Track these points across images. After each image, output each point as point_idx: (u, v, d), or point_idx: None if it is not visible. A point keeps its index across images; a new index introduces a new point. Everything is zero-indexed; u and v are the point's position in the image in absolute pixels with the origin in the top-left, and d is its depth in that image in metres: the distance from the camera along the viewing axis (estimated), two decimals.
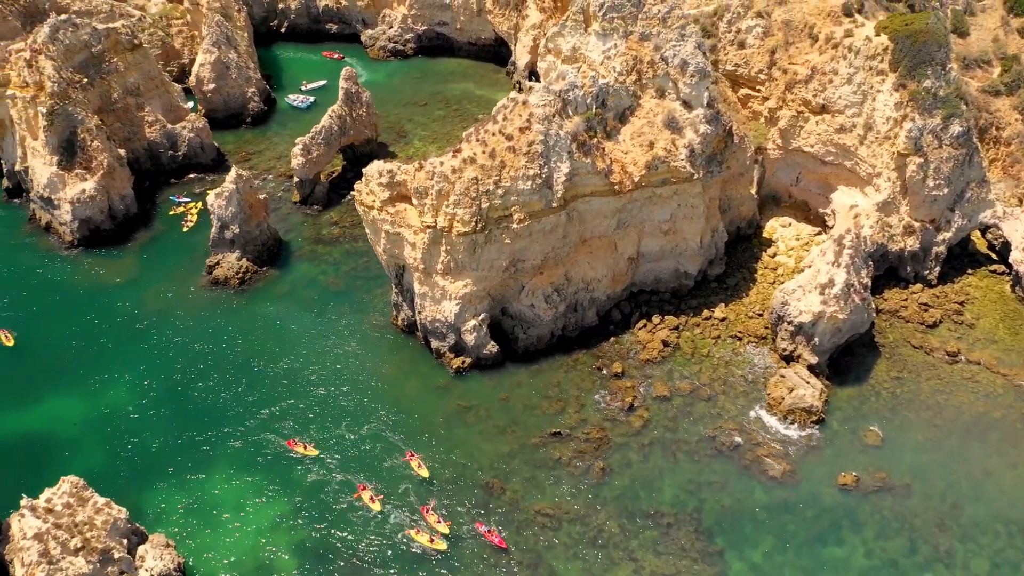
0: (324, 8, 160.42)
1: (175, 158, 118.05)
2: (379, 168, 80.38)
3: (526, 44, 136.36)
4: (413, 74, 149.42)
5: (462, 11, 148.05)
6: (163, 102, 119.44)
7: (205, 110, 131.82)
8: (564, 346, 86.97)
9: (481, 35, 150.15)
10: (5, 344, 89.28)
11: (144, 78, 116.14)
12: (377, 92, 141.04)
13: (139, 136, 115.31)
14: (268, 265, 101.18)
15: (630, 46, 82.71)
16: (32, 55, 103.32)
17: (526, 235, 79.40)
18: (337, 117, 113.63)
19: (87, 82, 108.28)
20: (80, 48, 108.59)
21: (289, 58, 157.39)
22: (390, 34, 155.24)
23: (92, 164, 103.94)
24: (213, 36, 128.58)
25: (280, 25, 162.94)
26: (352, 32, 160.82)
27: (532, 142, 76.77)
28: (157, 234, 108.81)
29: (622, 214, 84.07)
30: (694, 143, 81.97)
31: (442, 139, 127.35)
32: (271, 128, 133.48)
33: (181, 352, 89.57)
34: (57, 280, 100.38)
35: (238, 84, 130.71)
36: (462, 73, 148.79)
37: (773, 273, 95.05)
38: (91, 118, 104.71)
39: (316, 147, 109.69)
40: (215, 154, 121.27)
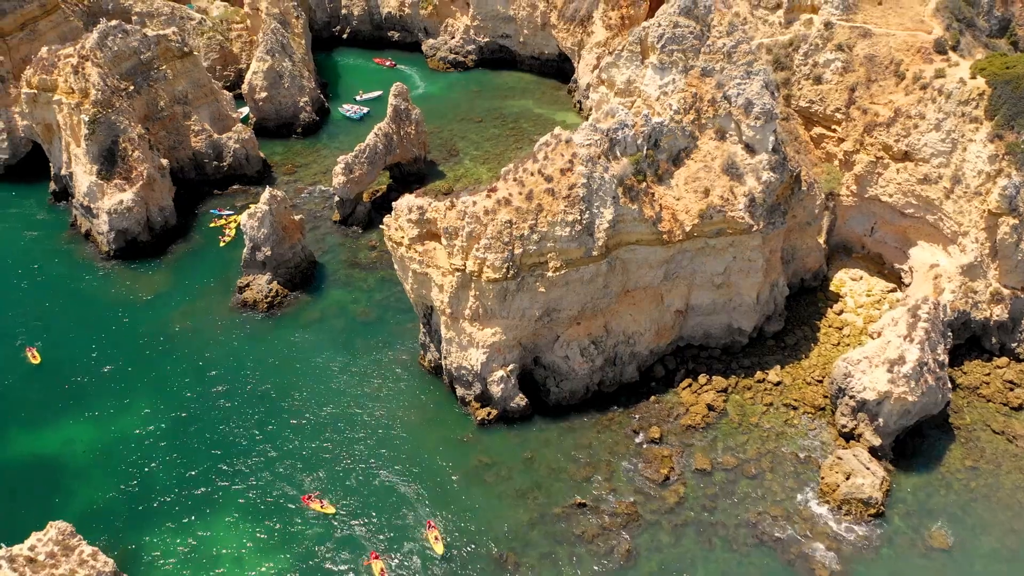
0: (387, 15, 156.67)
1: (220, 168, 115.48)
2: (409, 204, 75.12)
3: (589, 62, 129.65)
4: (472, 87, 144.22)
5: (526, 24, 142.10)
6: (211, 111, 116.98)
7: (256, 118, 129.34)
8: (599, 402, 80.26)
9: (544, 50, 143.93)
10: (32, 362, 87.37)
11: (193, 86, 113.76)
12: (432, 105, 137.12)
13: (184, 145, 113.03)
14: (299, 288, 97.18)
15: (690, 82, 75.36)
16: (79, 61, 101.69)
17: (562, 284, 73.00)
18: (383, 135, 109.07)
19: (133, 89, 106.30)
20: (129, 55, 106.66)
21: (348, 65, 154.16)
22: (451, 45, 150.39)
23: (132, 174, 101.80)
24: (268, 44, 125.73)
25: (342, 31, 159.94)
26: (414, 41, 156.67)
27: (573, 185, 70.31)
28: (194, 247, 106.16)
29: (670, 265, 76.86)
30: (755, 192, 74.16)
31: (494, 160, 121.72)
32: (321, 139, 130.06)
33: (201, 379, 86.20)
34: (89, 292, 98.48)
35: (290, 93, 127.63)
36: (522, 89, 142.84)
37: (838, 333, 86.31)
38: (134, 127, 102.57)
39: (359, 166, 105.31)
40: (260, 166, 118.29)
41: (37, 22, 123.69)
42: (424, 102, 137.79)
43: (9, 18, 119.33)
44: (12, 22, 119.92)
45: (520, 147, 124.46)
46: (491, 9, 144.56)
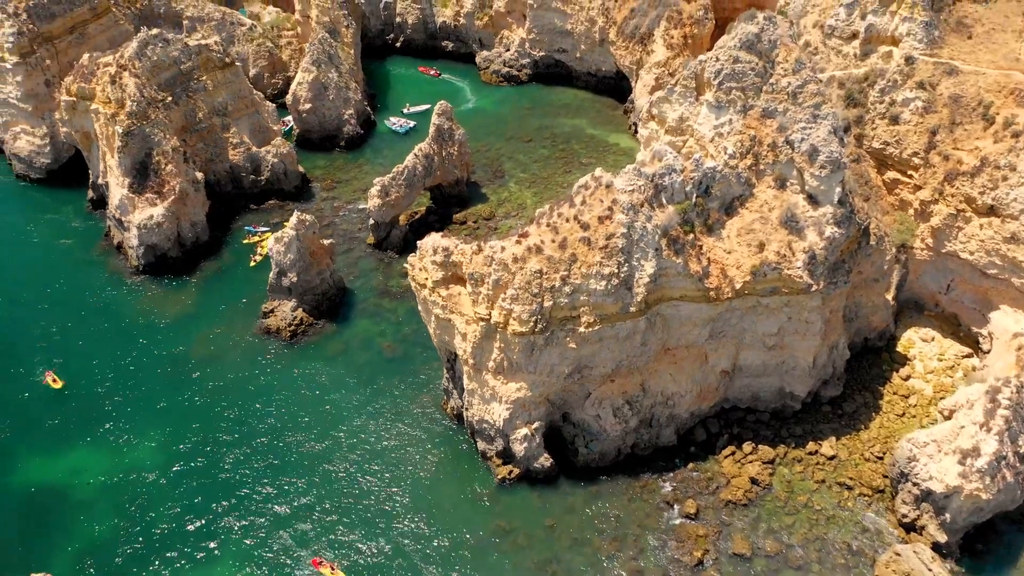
0: (441, 25, 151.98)
1: (257, 183, 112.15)
2: (434, 244, 69.72)
3: (647, 83, 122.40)
4: (524, 103, 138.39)
5: (583, 39, 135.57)
6: (252, 123, 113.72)
7: (300, 130, 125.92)
8: (631, 466, 73.71)
9: (601, 67, 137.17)
10: (53, 387, 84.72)
11: (233, 97, 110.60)
12: (481, 121, 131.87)
13: (222, 158, 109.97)
14: (325, 317, 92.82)
15: (749, 123, 68.13)
16: (117, 71, 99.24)
17: (595, 340, 66.71)
18: (424, 157, 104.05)
19: (171, 100, 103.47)
20: (168, 65, 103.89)
21: (399, 75, 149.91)
22: (506, 57, 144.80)
23: (164, 189, 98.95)
24: (313, 54, 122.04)
25: (396, 39, 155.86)
26: (467, 52, 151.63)
27: (612, 235, 63.91)
28: (224, 265, 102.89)
29: (717, 323, 69.83)
30: (816, 248, 66.61)
31: (541, 184, 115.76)
32: (365, 154, 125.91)
33: (216, 411, 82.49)
34: (114, 309, 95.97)
35: (335, 106, 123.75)
36: (576, 107, 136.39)
37: (903, 402, 77.97)
38: (169, 139, 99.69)
39: (396, 189, 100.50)
40: (299, 181, 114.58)
41: (87, 25, 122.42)
42: (473, 118, 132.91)
43: (58, 21, 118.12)
44: (61, 25, 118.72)
45: (569, 171, 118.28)
46: (548, 23, 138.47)
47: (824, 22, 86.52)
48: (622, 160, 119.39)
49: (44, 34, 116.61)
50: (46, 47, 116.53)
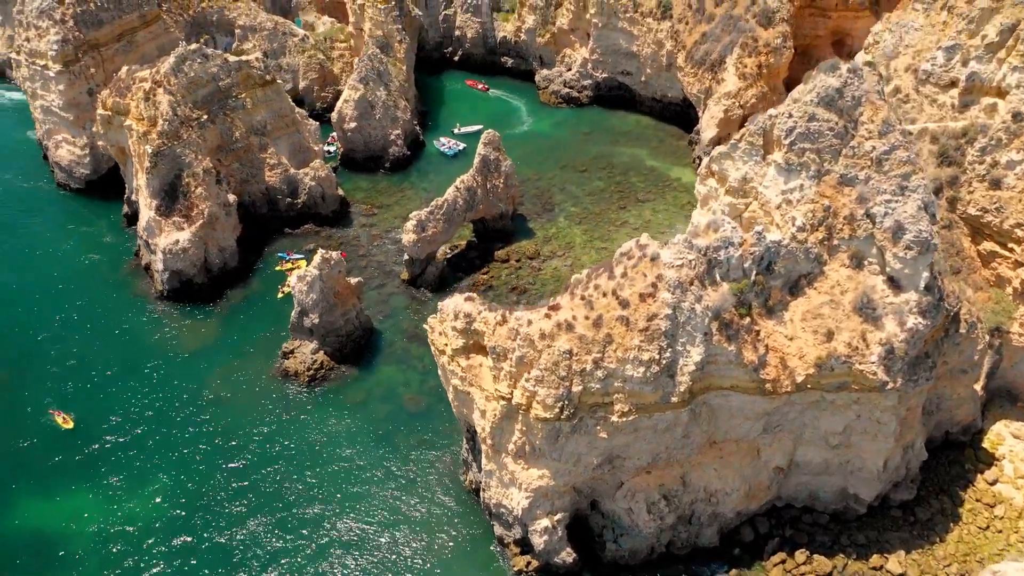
0: (501, 40, 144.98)
1: (293, 205, 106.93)
2: (456, 308, 62.54)
3: (715, 114, 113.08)
4: (582, 127, 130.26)
5: (650, 63, 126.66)
6: (291, 142, 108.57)
7: (344, 149, 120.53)
8: (665, 566, 65.19)
9: (667, 93, 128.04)
10: (63, 427, 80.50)
11: (273, 116, 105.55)
12: (535, 146, 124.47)
13: (258, 179, 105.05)
14: (348, 361, 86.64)
15: (823, 191, 58.89)
16: (152, 87, 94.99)
17: (630, 431, 58.56)
18: (466, 190, 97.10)
19: (207, 119, 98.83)
20: (206, 81, 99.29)
21: (454, 91, 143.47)
22: (567, 77, 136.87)
23: (192, 212, 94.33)
24: (361, 71, 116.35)
25: (454, 53, 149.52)
26: (527, 69, 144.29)
27: (654, 316, 55.64)
28: (251, 294, 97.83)
29: (773, 416, 60.86)
30: (895, 340, 57.08)
31: (592, 221, 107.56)
32: (410, 176, 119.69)
33: (223, 458, 77.08)
34: (134, 336, 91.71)
35: (381, 125, 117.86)
36: (638, 134, 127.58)
37: (988, 512, 67.53)
38: (200, 161, 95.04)
39: (433, 224, 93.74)
40: (337, 205, 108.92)
41: (135, 33, 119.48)
42: (526, 142, 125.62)
43: (106, 29, 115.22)
44: (109, 33, 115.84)
45: (624, 207, 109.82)
46: (612, 43, 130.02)
47: (918, 66, 76.25)
48: (681, 197, 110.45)
49: (91, 41, 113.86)
50: (92, 55, 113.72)
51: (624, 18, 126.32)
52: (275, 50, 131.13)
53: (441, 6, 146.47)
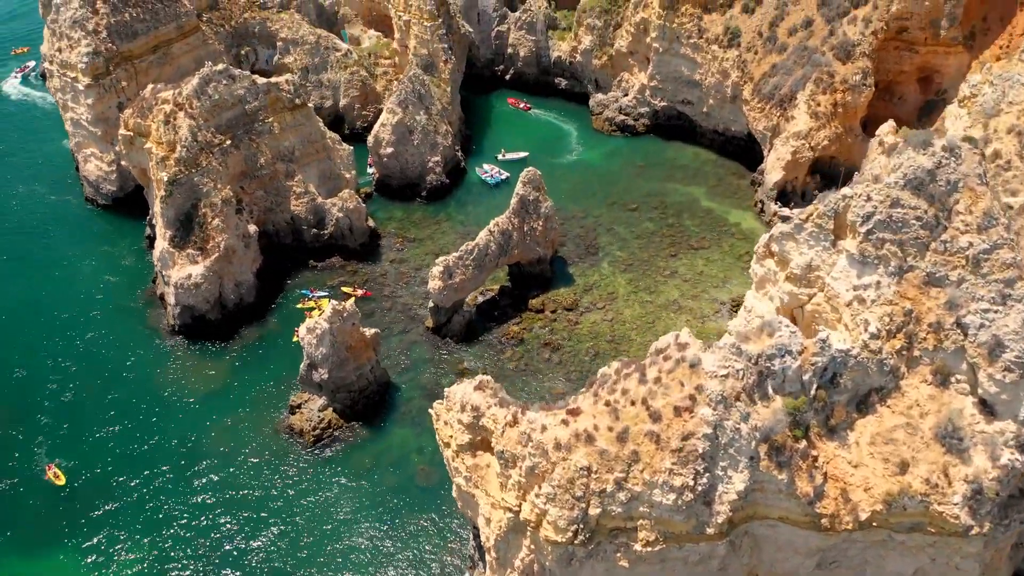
0: (556, 60, 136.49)
1: (320, 236, 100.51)
2: (464, 399, 54.60)
3: (782, 155, 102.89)
4: (636, 159, 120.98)
5: (713, 93, 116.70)
6: (321, 169, 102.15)
7: (379, 175, 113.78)
8: None
9: (731, 126, 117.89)
10: (55, 483, 75.14)
11: (302, 142, 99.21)
12: (583, 176, 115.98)
13: (283, 207, 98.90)
14: (360, 419, 79.71)
15: (904, 291, 49.05)
16: (172, 110, 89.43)
17: (656, 561, 49.73)
18: (500, 233, 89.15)
19: (230, 144, 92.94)
20: (231, 104, 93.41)
21: (503, 113, 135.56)
22: (623, 103, 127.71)
23: (208, 245, 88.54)
24: (401, 94, 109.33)
25: (505, 71, 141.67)
26: (582, 92, 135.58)
27: (690, 435, 46.77)
28: (267, 334, 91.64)
29: (828, 552, 51.24)
30: (985, 479, 47.03)
31: (638, 268, 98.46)
32: (448, 206, 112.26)
33: (214, 526, 70.98)
34: (139, 375, 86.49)
35: (419, 152, 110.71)
36: (695, 170, 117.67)
37: None
38: (220, 190, 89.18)
39: (462, 271, 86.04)
40: (366, 238, 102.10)
41: (171, 45, 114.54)
42: (574, 172, 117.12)
43: (140, 40, 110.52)
44: (143, 45, 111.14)
45: (675, 254, 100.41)
46: (673, 70, 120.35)
47: None
48: (739, 246, 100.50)
49: (124, 53, 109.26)
50: (124, 67, 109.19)
51: (687, 44, 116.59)
52: (316, 65, 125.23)
53: (494, 22, 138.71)
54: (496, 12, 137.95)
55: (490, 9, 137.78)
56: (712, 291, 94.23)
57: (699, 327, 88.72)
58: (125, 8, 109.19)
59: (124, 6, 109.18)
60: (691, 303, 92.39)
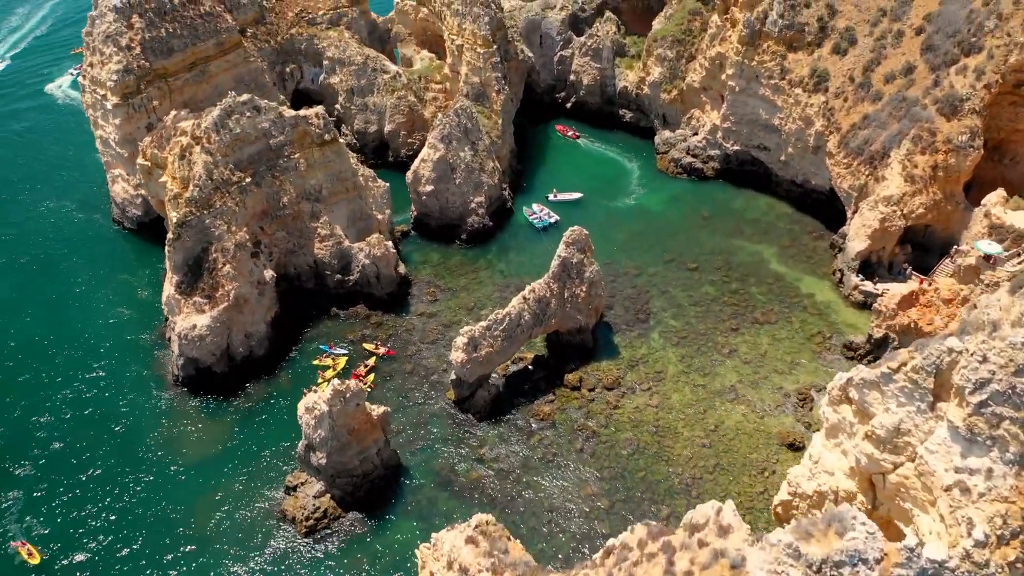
0: (621, 90, 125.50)
1: (344, 283, 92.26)
2: (452, 553, 45.10)
3: (869, 221, 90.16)
4: (701, 207, 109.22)
5: (793, 141, 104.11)
6: (351, 209, 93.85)
7: (417, 213, 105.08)
8: None
9: (811, 179, 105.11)
10: (28, 563, 68.34)
11: (331, 180, 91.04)
12: (640, 225, 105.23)
13: (306, 250, 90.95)
14: (360, 507, 70.92)
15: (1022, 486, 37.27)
16: (189, 143, 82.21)
17: None
18: (536, 301, 79.18)
19: (251, 181, 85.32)
20: (255, 138, 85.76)
21: (560, 145, 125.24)
22: (692, 143, 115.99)
23: (216, 293, 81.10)
24: (445, 128, 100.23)
25: (567, 99, 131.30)
26: (647, 127, 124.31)
27: None
28: (276, 392, 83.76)
29: None
30: None
31: (693, 344, 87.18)
32: (489, 251, 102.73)
33: None
34: (135, 431, 79.71)
35: (461, 192, 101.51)
36: (768, 225, 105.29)
37: None
38: (233, 233, 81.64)
39: (489, 343, 76.43)
40: (394, 287, 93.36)
41: (209, 62, 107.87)
42: (631, 220, 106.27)
43: (176, 57, 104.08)
44: (179, 61, 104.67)
45: (737, 328, 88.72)
46: (750, 112, 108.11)
47: None
48: (811, 324, 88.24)
49: (158, 70, 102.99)
50: (157, 85, 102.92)
51: (767, 84, 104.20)
52: (362, 87, 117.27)
53: (557, 46, 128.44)
54: (560, 36, 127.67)
55: (554, 32, 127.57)
56: (775, 377, 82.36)
57: (756, 423, 77.25)
58: (162, 23, 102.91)
59: (161, 21, 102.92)
60: (750, 392, 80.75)
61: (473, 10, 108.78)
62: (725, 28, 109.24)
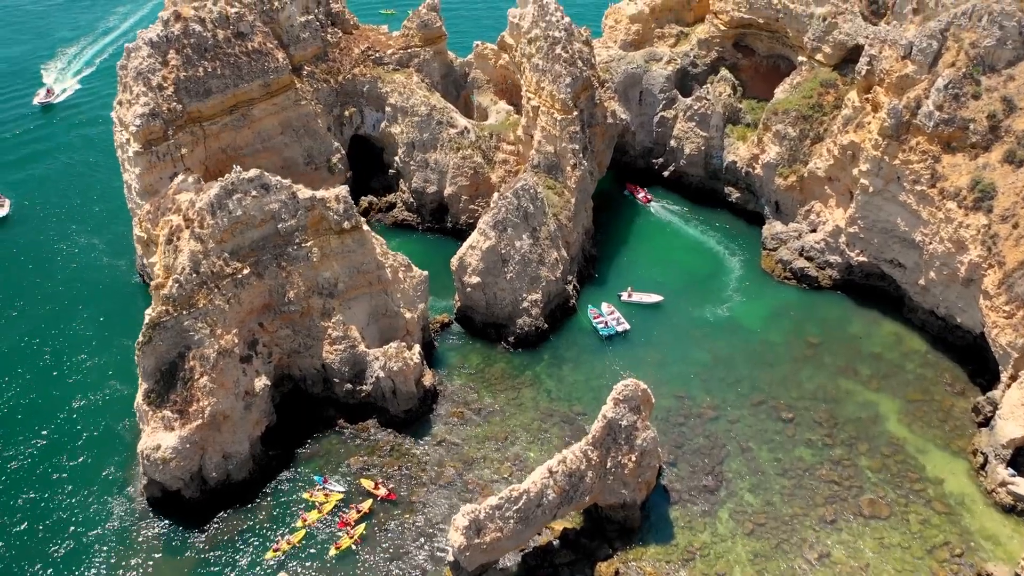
0: (729, 165, 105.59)
1: (355, 392, 77.48)
2: None
3: None
4: (809, 329, 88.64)
5: (936, 265, 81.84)
6: (374, 304, 78.95)
7: (460, 304, 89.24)
8: None
9: (956, 315, 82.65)
10: None
11: (350, 272, 76.29)
12: (728, 348, 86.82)
13: (313, 352, 76.64)
14: None
15: None
16: (179, 225, 69.16)
17: None
18: (566, 476, 61.66)
19: (250, 272, 71.55)
20: (260, 221, 71.94)
21: (649, 225, 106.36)
22: (807, 242, 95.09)
23: (190, 408, 67.82)
24: (498, 213, 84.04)
25: (664, 166, 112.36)
26: (756, 212, 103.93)
27: None
28: (252, 526, 69.85)
29: None
30: None
31: (772, 535, 68.32)
32: (539, 361, 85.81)
33: None
34: (88, 563, 67.33)
35: (512, 288, 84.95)
36: (891, 366, 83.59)
37: None
38: (218, 338, 68.09)
39: (496, 526, 59.58)
40: (413, 404, 77.89)
41: (253, 105, 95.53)
42: (716, 338, 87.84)
43: (215, 99, 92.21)
44: (218, 104, 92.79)
45: (834, 519, 68.96)
46: (885, 219, 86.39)
47: None
48: (935, 529, 67.88)
49: (192, 113, 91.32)
50: (190, 129, 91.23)
51: (912, 190, 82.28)
52: (424, 141, 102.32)
53: (659, 105, 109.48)
54: (663, 94, 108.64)
55: (656, 89, 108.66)
56: None
57: None
58: (200, 61, 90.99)
59: (200, 59, 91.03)
60: None
61: (555, 68, 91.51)
62: (864, 111, 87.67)
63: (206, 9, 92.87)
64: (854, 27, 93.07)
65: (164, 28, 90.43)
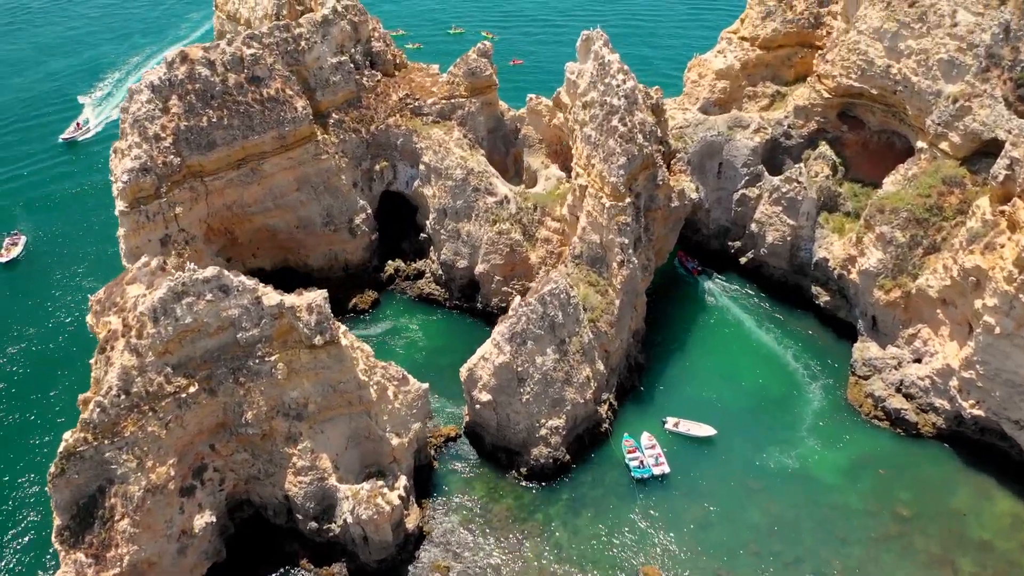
0: (819, 262, 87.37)
1: (320, 532, 64.55)
2: None
3: None
4: (899, 496, 70.55)
5: None
6: (354, 427, 65.68)
7: (469, 419, 75.16)
8: None
9: None
10: None
11: (323, 392, 63.12)
12: (793, 511, 70.85)
13: (275, 480, 64.04)
14: None
15: None
16: (115, 331, 57.63)
17: None
18: None
19: (198, 390, 59.39)
20: (215, 330, 59.59)
21: (709, 327, 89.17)
22: (909, 375, 76.51)
23: (108, 554, 56.26)
24: (516, 324, 69.40)
25: (741, 251, 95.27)
26: (846, 322, 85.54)
27: None
28: None
29: None
30: None
31: None
32: (556, 502, 70.92)
33: None
34: None
35: (529, 412, 70.27)
36: (1007, 563, 64.66)
37: None
38: (147, 472, 56.32)
39: None
40: (388, 553, 64.25)
41: (264, 159, 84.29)
42: (779, 499, 71.04)
43: (219, 152, 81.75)
44: (222, 158, 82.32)
45: None
46: (1012, 370, 67.08)
47: None
48: None
49: (192, 167, 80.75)
50: (189, 184, 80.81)
51: None
52: (457, 209, 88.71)
53: (740, 181, 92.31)
54: (747, 168, 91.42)
55: (739, 163, 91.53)
56: None
57: None
58: (205, 109, 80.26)
59: (204, 106, 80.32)
60: None
61: (608, 143, 75.95)
62: (997, 228, 68.45)
63: (219, 50, 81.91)
64: (993, 115, 73.52)
65: (168, 71, 80.00)
